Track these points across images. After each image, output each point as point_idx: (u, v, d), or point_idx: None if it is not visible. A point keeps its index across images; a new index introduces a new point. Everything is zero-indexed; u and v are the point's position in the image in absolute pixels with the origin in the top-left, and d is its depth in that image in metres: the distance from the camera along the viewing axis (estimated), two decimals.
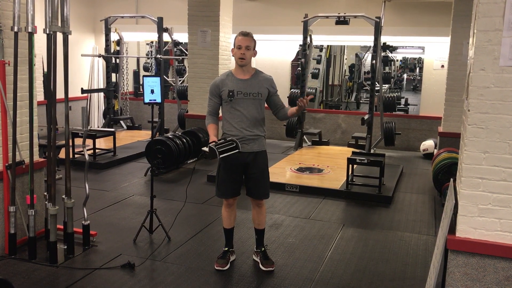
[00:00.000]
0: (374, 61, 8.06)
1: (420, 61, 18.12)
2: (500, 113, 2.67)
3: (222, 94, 3.73)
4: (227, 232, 3.98)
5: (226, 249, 3.96)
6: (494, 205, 2.73)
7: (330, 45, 12.30)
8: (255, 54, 3.78)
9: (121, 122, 10.30)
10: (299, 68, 9.00)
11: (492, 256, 2.74)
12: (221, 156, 3.45)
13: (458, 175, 2.98)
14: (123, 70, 10.34)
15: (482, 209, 2.75)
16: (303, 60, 8.50)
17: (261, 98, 3.76)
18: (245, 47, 3.68)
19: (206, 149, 3.45)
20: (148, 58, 11.47)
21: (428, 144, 8.69)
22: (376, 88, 8.35)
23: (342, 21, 7.99)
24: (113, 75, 9.91)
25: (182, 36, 9.38)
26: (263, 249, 3.93)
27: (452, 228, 2.84)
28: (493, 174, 2.72)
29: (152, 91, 4.31)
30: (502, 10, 2.60)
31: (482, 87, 2.70)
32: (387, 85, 9.35)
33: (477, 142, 2.73)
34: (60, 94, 4.00)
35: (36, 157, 4.17)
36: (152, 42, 11.40)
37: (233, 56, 3.76)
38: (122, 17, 9.51)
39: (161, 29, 8.76)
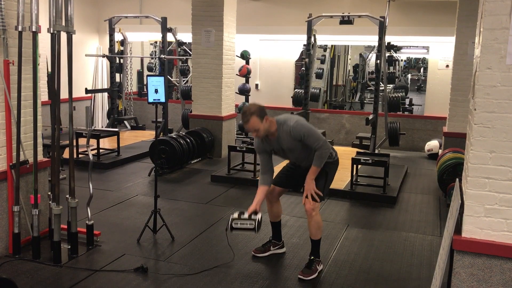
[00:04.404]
0: (378, 61, 8.03)
1: (424, 61, 18.05)
2: (507, 112, 2.65)
3: (268, 149, 3.81)
4: (271, 224, 4.13)
5: (269, 239, 4.17)
6: (500, 205, 2.71)
7: (334, 45, 12.26)
8: (267, 120, 3.59)
9: (125, 122, 10.31)
10: (303, 68, 8.97)
11: (498, 256, 2.71)
12: (232, 231, 3.67)
13: (464, 175, 2.95)
14: (127, 70, 10.35)
15: (489, 209, 2.73)
16: (307, 60, 8.47)
17: (295, 146, 3.69)
18: (253, 130, 3.61)
19: (233, 215, 3.69)
20: (152, 58, 11.48)
21: (432, 144, 8.65)
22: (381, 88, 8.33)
23: (346, 21, 7.96)
24: (117, 75, 9.91)
25: (186, 36, 9.37)
26: (311, 258, 3.82)
27: (458, 229, 2.82)
28: (499, 173, 2.69)
29: (156, 91, 4.30)
30: (509, 8, 2.58)
31: (488, 86, 2.67)
32: (391, 85, 9.31)
33: (483, 141, 2.71)
34: (64, 94, 4.00)
35: (40, 157, 4.16)
36: (156, 42, 11.40)
37: None
38: (126, 17, 9.51)
39: (165, 29, 8.75)
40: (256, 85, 10.31)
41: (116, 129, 8.44)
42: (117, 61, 9.83)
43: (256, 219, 3.64)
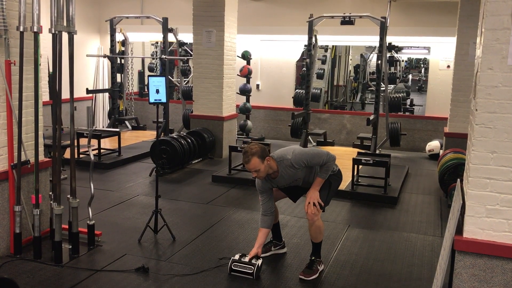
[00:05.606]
0: (379, 62, 8.03)
1: (425, 62, 18.03)
2: (508, 112, 2.65)
3: (270, 188, 3.81)
4: None
5: (270, 239, 4.16)
6: (502, 206, 2.71)
7: (335, 45, 12.26)
8: (268, 160, 3.58)
9: (126, 122, 10.32)
10: (304, 69, 8.97)
11: (500, 257, 2.71)
12: (230, 273, 3.71)
13: (466, 175, 2.95)
14: (128, 70, 10.35)
15: (490, 209, 2.73)
16: (308, 60, 8.47)
17: (301, 173, 3.69)
18: (254, 171, 3.58)
19: (234, 257, 3.75)
20: (153, 59, 11.48)
21: (433, 144, 8.65)
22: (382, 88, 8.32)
23: (347, 21, 7.97)
24: (118, 75, 9.92)
25: (187, 37, 9.37)
26: (312, 258, 3.83)
27: (459, 229, 2.82)
28: (501, 174, 2.69)
29: (157, 91, 4.31)
30: (510, 9, 2.58)
31: (490, 86, 2.68)
32: (392, 85, 9.30)
33: (484, 142, 2.71)
34: (65, 94, 4.00)
35: (42, 157, 4.17)
36: (157, 42, 11.40)
37: None
38: (127, 17, 9.51)
39: (166, 30, 8.76)
40: (257, 85, 10.31)
41: (117, 129, 8.45)
42: (118, 61, 9.83)
43: (256, 264, 3.67)
